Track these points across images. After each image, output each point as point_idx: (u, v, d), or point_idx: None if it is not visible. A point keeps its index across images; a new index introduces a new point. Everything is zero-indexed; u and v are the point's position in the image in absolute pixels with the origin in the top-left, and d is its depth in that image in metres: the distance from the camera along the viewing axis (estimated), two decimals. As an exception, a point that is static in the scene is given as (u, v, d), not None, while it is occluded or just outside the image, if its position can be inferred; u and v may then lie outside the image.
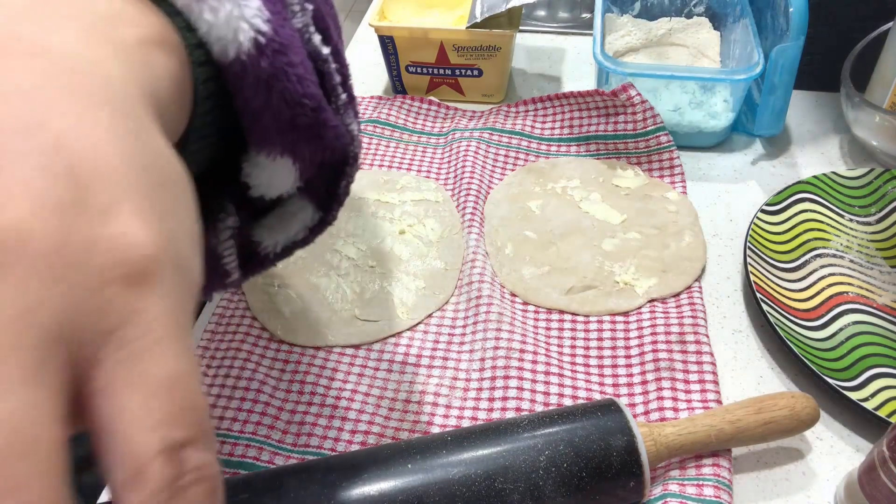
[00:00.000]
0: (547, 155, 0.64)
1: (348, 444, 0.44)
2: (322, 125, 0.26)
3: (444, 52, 0.68)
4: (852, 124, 0.62)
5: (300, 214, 0.30)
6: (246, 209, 0.28)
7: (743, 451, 0.43)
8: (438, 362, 0.48)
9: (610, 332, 0.50)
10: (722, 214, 0.59)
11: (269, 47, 0.23)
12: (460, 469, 0.36)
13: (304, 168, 0.27)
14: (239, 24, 0.22)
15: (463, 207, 0.59)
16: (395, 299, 0.52)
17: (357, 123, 0.29)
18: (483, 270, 0.53)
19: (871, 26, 0.63)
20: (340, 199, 0.31)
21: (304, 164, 0.27)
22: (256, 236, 0.30)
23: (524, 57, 0.78)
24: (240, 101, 0.24)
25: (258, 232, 0.30)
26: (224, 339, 0.49)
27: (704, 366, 0.46)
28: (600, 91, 0.63)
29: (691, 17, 0.75)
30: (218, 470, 0.16)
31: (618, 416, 0.38)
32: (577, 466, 0.36)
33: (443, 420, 0.45)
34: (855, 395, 0.44)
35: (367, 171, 0.64)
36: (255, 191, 0.27)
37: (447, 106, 0.70)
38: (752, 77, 0.58)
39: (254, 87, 0.23)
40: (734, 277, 0.54)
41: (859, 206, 0.57)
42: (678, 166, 0.61)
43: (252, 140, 0.25)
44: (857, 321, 0.49)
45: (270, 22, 0.23)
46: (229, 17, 0.22)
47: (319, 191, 0.30)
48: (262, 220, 0.29)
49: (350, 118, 0.29)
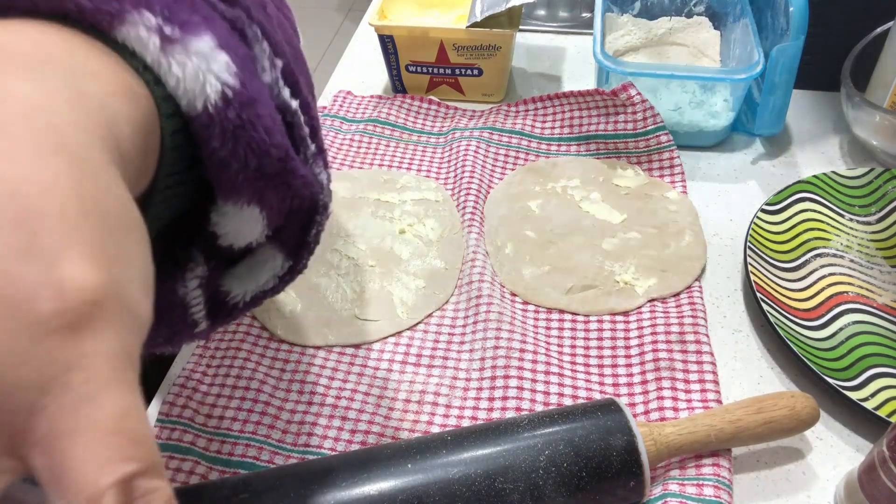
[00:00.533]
0: (547, 154, 0.64)
1: (348, 444, 0.44)
2: (290, 174, 0.26)
3: (444, 52, 0.68)
4: (852, 124, 0.62)
5: (270, 263, 0.30)
6: (215, 259, 0.28)
7: (743, 451, 0.43)
8: (438, 362, 0.48)
9: (610, 332, 0.50)
10: (722, 214, 0.59)
11: (236, 99, 0.24)
12: (460, 469, 0.36)
13: (272, 217, 0.27)
14: (207, 78, 0.23)
15: (463, 207, 0.59)
16: (395, 299, 0.52)
17: (327, 174, 0.30)
18: (483, 270, 0.53)
19: (871, 26, 0.63)
20: (311, 247, 0.31)
21: (272, 212, 0.27)
22: (226, 286, 0.30)
23: (524, 56, 0.78)
24: (207, 151, 0.24)
25: (227, 281, 0.30)
26: (224, 339, 0.49)
27: (704, 365, 0.46)
28: (600, 90, 0.63)
29: (691, 16, 0.75)
30: (170, 493, 0.17)
31: (618, 415, 0.38)
32: (577, 466, 0.36)
33: (443, 420, 0.45)
34: (855, 394, 0.44)
35: (367, 170, 0.64)
36: (223, 240, 0.27)
37: (447, 105, 0.70)
38: (752, 76, 0.58)
39: (221, 138, 0.24)
40: (734, 277, 0.54)
41: (859, 206, 0.57)
42: (678, 166, 0.61)
43: (219, 189, 0.25)
44: (857, 321, 0.49)
45: (238, 76, 0.24)
46: (197, 71, 0.23)
47: (289, 240, 0.30)
48: (232, 270, 0.30)
49: (319, 168, 0.29)
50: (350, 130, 0.68)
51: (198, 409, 0.45)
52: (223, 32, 0.24)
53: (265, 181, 0.26)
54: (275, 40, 0.27)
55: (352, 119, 0.69)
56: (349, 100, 0.71)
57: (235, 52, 0.24)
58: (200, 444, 0.43)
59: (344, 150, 0.66)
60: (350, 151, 0.66)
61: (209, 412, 0.45)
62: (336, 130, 0.68)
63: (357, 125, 0.68)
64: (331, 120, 0.69)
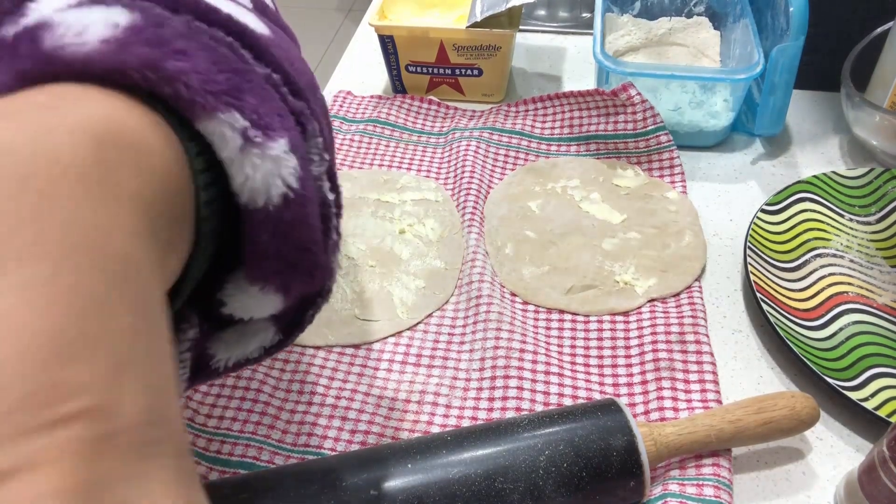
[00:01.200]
0: (547, 154, 0.64)
1: (348, 444, 0.44)
2: (317, 266, 0.27)
3: (444, 52, 0.68)
4: (852, 124, 0.63)
5: (261, 336, 0.30)
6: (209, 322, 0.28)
7: (743, 451, 0.43)
8: (438, 362, 0.48)
9: (610, 332, 0.50)
10: (722, 214, 0.59)
11: (295, 201, 0.24)
12: (460, 469, 0.36)
13: (288, 299, 0.27)
14: (274, 181, 0.23)
15: (463, 207, 0.59)
16: (395, 299, 0.52)
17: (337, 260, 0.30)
18: (483, 270, 0.53)
19: (871, 26, 0.63)
20: (303, 327, 0.31)
21: (290, 294, 0.27)
22: (211, 349, 0.29)
23: (524, 56, 0.78)
24: (251, 242, 0.24)
25: (214, 345, 0.29)
26: (224, 339, 0.49)
27: (704, 366, 0.46)
28: (600, 90, 0.63)
29: (691, 16, 0.75)
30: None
31: (618, 415, 0.38)
32: (577, 466, 0.36)
33: (443, 420, 0.45)
34: (855, 394, 0.44)
35: (367, 170, 0.64)
36: (228, 309, 0.27)
37: (447, 105, 0.70)
38: (752, 77, 0.58)
39: (271, 233, 0.24)
40: (734, 277, 0.54)
41: (859, 206, 0.57)
42: (678, 166, 0.61)
43: (250, 274, 0.25)
44: (857, 321, 0.49)
45: (301, 179, 0.24)
46: (268, 174, 0.23)
47: (287, 318, 0.30)
48: (221, 335, 0.29)
49: (335, 256, 0.29)
50: (350, 130, 0.68)
51: (198, 409, 0.45)
52: (295, 134, 0.24)
53: (296, 273, 0.26)
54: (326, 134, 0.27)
55: (352, 119, 0.69)
56: (349, 100, 0.71)
57: (302, 154, 0.24)
58: (200, 444, 0.43)
59: (344, 150, 0.66)
60: (350, 151, 0.66)
61: (209, 412, 0.45)
62: (336, 130, 0.68)
63: (357, 125, 0.68)
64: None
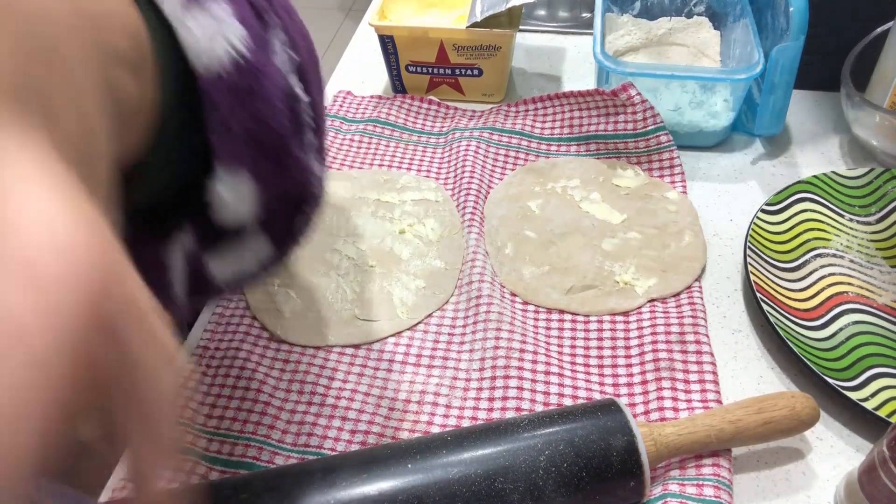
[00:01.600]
0: (547, 155, 0.64)
1: (348, 444, 0.44)
2: (285, 152, 0.28)
3: (444, 52, 0.68)
4: (852, 124, 0.62)
5: (252, 244, 0.31)
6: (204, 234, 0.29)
7: (743, 451, 0.43)
8: (438, 362, 0.48)
9: (610, 332, 0.50)
10: (722, 214, 0.59)
11: (246, 68, 0.25)
12: (460, 469, 0.36)
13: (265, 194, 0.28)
14: (221, 42, 0.25)
15: (463, 207, 0.59)
16: (395, 299, 0.52)
17: (323, 170, 0.31)
18: (483, 270, 0.53)
19: (871, 26, 0.63)
20: (296, 237, 0.32)
21: (265, 188, 0.28)
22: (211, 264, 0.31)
23: (524, 56, 0.78)
24: (212, 111, 0.25)
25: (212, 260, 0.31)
26: (224, 339, 0.49)
27: (704, 366, 0.46)
28: (600, 90, 0.63)
29: (691, 16, 0.75)
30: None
31: (618, 415, 0.38)
32: (577, 466, 0.36)
33: (443, 420, 0.45)
34: (855, 394, 0.44)
35: (367, 170, 0.64)
36: (216, 211, 0.28)
37: (447, 105, 0.70)
38: (752, 77, 0.58)
39: (227, 100, 0.25)
40: (734, 277, 0.54)
41: (859, 206, 0.57)
42: (678, 166, 0.61)
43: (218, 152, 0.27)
44: (857, 321, 0.49)
45: (251, 49, 0.26)
46: (212, 32, 0.25)
47: (278, 227, 0.31)
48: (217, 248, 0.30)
49: (315, 160, 0.30)
50: (350, 130, 0.68)
51: (198, 409, 0.45)
52: (244, 10, 0.26)
53: (262, 151, 0.27)
54: (293, 37, 0.28)
55: (352, 119, 0.69)
56: (349, 100, 0.71)
57: (251, 28, 0.26)
58: (200, 444, 0.43)
59: (344, 150, 0.66)
60: (350, 151, 0.66)
61: (209, 412, 0.45)
62: (336, 130, 0.68)
63: (357, 125, 0.68)
64: (331, 120, 0.69)
